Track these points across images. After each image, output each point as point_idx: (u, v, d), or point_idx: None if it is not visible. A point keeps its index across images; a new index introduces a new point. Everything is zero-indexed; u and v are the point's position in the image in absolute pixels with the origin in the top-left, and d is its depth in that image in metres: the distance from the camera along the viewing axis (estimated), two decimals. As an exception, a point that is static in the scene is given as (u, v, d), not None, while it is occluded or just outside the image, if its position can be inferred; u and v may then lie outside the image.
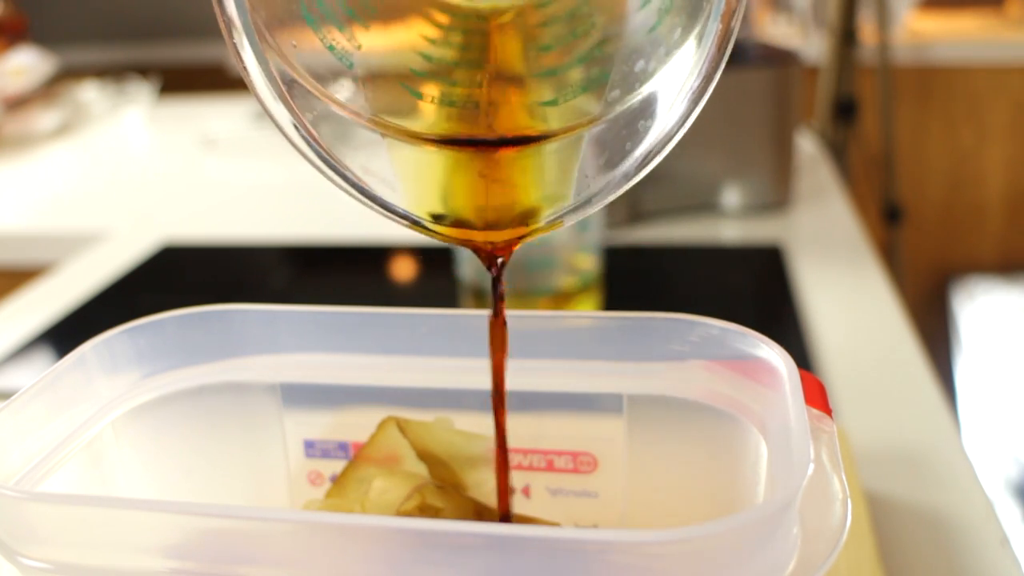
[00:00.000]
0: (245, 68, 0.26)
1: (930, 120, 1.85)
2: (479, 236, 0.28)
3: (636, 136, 0.26)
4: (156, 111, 1.44)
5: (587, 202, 0.27)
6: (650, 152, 0.26)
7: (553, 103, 0.27)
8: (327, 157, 0.27)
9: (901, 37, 1.76)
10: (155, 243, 0.86)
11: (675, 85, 0.26)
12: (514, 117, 0.27)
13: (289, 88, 0.27)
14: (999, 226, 1.91)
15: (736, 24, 0.24)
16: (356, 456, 0.34)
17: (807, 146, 1.05)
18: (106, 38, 2.29)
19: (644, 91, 0.26)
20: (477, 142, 0.27)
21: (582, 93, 0.26)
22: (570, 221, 0.28)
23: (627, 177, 0.27)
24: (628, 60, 0.26)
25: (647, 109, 0.26)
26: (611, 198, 0.27)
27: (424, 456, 0.33)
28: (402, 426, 0.33)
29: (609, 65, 0.26)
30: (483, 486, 0.33)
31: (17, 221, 0.96)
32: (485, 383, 0.32)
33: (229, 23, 0.26)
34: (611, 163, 0.27)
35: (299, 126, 0.27)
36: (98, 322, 0.54)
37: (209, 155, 1.16)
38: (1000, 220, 1.90)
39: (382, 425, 0.33)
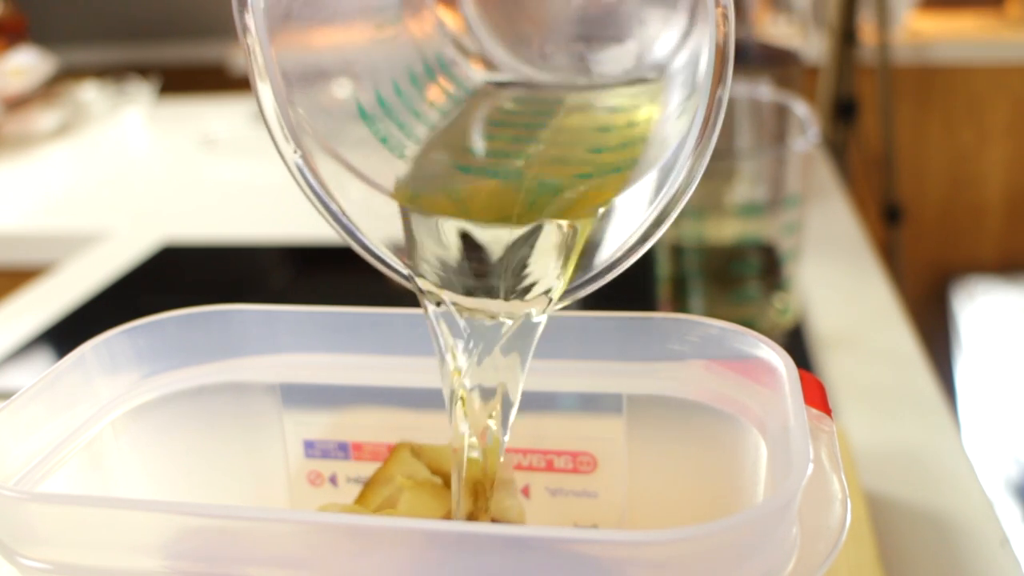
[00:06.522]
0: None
1: (930, 120, 1.84)
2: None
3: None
4: (156, 111, 1.44)
5: (601, 272, 0.28)
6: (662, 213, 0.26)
7: (588, 176, 0.28)
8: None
9: (901, 37, 1.76)
10: (155, 243, 0.86)
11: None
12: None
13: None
14: (999, 226, 1.91)
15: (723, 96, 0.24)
16: (372, 480, 0.33)
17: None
18: (106, 38, 2.29)
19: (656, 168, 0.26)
20: None
21: (614, 172, 0.27)
22: (580, 294, 0.28)
23: (643, 241, 0.27)
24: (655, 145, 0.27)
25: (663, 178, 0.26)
26: (623, 267, 0.27)
27: (440, 477, 0.33)
28: (416, 451, 0.33)
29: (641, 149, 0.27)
30: (497, 505, 0.33)
31: (17, 221, 0.96)
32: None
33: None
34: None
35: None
36: (98, 322, 0.54)
37: (209, 155, 1.16)
38: (1000, 220, 1.90)
39: (395, 451, 0.33)
